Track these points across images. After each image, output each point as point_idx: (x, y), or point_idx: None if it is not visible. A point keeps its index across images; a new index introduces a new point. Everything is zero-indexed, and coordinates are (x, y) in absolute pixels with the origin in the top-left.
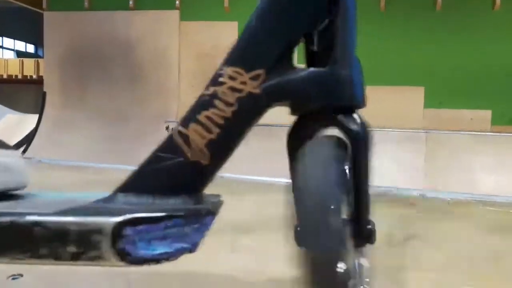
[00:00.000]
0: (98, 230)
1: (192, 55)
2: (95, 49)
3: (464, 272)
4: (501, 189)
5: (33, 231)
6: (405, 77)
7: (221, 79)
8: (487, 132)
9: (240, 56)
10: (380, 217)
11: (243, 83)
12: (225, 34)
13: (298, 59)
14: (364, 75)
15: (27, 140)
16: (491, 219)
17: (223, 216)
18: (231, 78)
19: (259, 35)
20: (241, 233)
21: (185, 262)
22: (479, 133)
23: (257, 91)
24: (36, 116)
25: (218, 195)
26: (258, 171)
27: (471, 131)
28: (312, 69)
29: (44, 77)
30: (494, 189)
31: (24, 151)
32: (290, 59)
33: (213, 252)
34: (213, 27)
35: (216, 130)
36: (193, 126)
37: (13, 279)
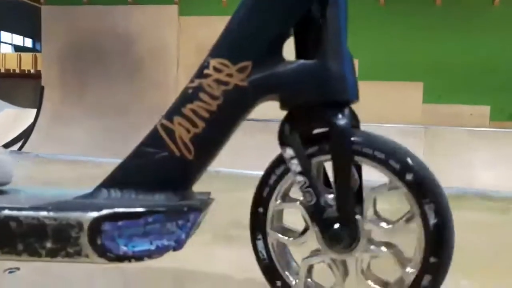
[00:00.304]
0: (75, 225)
1: (191, 49)
2: (93, 43)
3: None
4: (499, 184)
5: (9, 226)
6: (404, 72)
7: (206, 71)
8: (486, 127)
9: (227, 48)
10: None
11: (229, 75)
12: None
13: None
14: (363, 70)
15: (25, 135)
16: (487, 213)
17: (222, 211)
18: (217, 70)
19: (246, 26)
20: (239, 228)
21: (181, 256)
22: (478, 128)
23: (244, 83)
24: (34, 111)
25: (208, 193)
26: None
27: (470, 126)
28: (301, 61)
29: (42, 72)
30: (492, 184)
31: (21, 146)
32: (279, 51)
33: (210, 247)
34: (212, 22)
35: (201, 124)
36: (177, 119)
37: (9, 272)
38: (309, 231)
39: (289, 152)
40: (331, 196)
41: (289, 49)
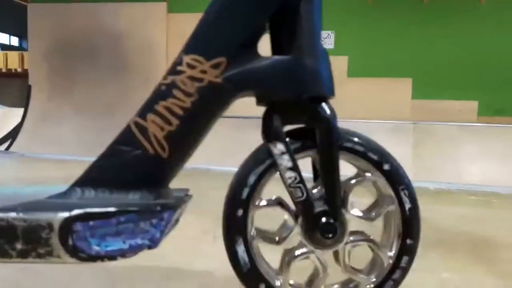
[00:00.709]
0: (45, 226)
1: (180, 47)
2: (81, 41)
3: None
4: (485, 179)
5: None
6: (393, 68)
7: (179, 68)
8: (473, 123)
9: (200, 44)
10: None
11: (203, 72)
12: None
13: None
14: (352, 67)
15: (12, 135)
16: (472, 207)
17: (212, 209)
18: (190, 66)
19: (219, 21)
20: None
21: (170, 252)
22: (466, 124)
23: (218, 80)
24: (21, 110)
25: (186, 189)
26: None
27: (458, 122)
28: (275, 57)
29: (29, 70)
30: (479, 179)
31: (9, 146)
32: (253, 47)
33: (196, 243)
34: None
35: (175, 121)
36: (151, 117)
37: None
38: (287, 228)
39: (279, 147)
40: (315, 190)
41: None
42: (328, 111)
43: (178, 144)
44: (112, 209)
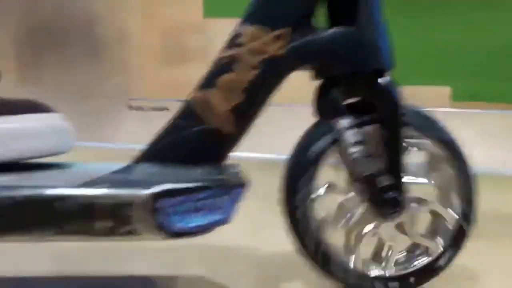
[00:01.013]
0: (130, 203)
1: (155, 30)
2: (51, 24)
3: None
4: None
5: (57, 206)
6: None
7: (239, 40)
8: (447, 108)
9: (262, 13)
10: None
11: (266, 43)
12: (189, 8)
13: None
14: None
15: None
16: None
17: None
18: (252, 38)
19: None
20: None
21: None
22: (439, 109)
23: (281, 52)
24: None
25: (237, 165)
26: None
27: (431, 107)
28: (335, 29)
29: None
30: None
31: None
32: (312, 18)
33: None
34: (176, 0)
35: (238, 95)
36: (213, 91)
37: None
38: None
39: (344, 122)
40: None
41: None
42: (390, 84)
43: (241, 118)
44: (194, 184)
